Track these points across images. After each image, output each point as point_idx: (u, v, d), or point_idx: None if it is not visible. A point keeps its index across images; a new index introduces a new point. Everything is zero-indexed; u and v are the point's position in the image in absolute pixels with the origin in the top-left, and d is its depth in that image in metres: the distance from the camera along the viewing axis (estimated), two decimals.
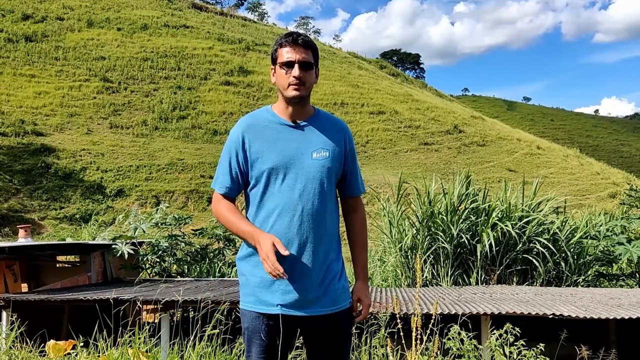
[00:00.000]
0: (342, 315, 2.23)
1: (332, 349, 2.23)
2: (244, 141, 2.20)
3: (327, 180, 2.19)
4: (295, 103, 2.20)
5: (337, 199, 2.30)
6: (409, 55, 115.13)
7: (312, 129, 2.23)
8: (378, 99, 43.20)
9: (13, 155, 26.40)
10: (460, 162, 33.38)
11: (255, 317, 2.18)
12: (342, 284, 2.24)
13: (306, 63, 2.17)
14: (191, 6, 58.41)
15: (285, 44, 2.18)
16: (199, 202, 25.77)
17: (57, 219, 22.75)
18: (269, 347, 2.17)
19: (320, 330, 2.21)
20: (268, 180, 2.16)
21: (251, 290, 2.19)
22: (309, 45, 2.19)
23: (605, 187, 34.11)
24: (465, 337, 3.84)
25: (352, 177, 2.32)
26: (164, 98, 36.44)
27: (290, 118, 2.22)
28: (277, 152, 2.16)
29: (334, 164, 2.21)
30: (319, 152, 2.19)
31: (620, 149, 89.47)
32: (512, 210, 7.21)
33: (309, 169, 2.16)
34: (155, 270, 7.79)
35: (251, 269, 2.19)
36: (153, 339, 4.14)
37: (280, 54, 2.19)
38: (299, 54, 2.16)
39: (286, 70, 2.16)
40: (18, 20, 41.62)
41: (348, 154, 2.28)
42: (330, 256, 2.21)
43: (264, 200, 2.18)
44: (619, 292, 6.16)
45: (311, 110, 2.28)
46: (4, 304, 5.20)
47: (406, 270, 7.29)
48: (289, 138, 2.20)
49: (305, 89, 2.18)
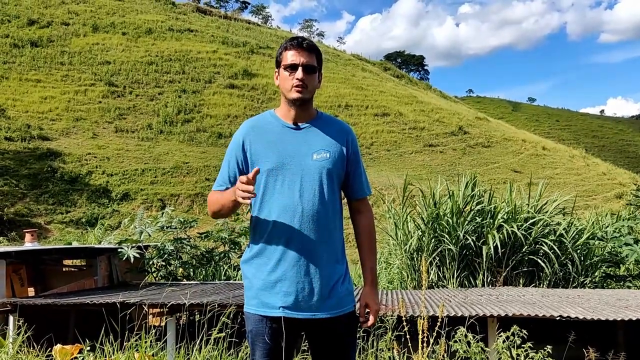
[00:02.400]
0: (346, 318, 2.22)
1: (336, 352, 2.23)
2: (244, 143, 2.23)
3: (328, 181, 2.19)
4: (297, 105, 2.21)
5: (340, 202, 2.30)
6: (413, 57, 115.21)
7: (313, 131, 2.24)
8: (382, 101, 43.20)
9: (19, 159, 26.55)
10: (465, 164, 33.30)
11: (258, 320, 2.18)
12: (345, 287, 2.23)
13: (309, 66, 2.19)
14: (195, 10, 58.66)
15: (290, 48, 2.21)
16: (204, 206, 25.81)
17: (63, 223, 22.85)
18: (272, 350, 2.17)
19: (324, 334, 2.20)
20: (267, 182, 2.18)
21: (254, 293, 2.20)
22: (313, 50, 2.22)
23: (612, 188, 33.95)
24: (472, 340, 3.82)
25: (356, 179, 2.32)
26: (169, 102, 36.58)
27: (292, 120, 2.24)
28: (277, 154, 2.18)
29: (335, 165, 2.21)
30: (319, 154, 2.19)
31: (626, 149, 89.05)
32: (518, 211, 7.18)
33: (309, 170, 2.17)
34: (161, 274, 7.80)
35: (255, 272, 2.20)
36: (159, 342, 4.14)
37: (284, 57, 2.22)
38: (303, 57, 2.19)
39: (290, 73, 2.19)
40: (24, 26, 41.92)
41: (350, 156, 2.28)
42: (333, 258, 2.21)
43: (264, 202, 2.19)
44: (627, 293, 6.12)
45: (314, 113, 2.29)
46: (11, 309, 5.22)
47: (412, 273, 7.27)
48: (290, 140, 2.21)
49: (308, 92, 2.21)
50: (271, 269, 2.14)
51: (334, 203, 2.22)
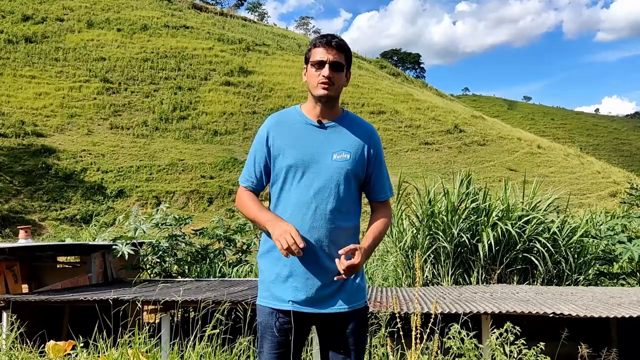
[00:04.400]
0: (357, 314, 2.23)
1: (346, 347, 2.23)
2: (268, 137, 2.26)
3: (345, 182, 2.20)
4: (323, 102, 2.23)
5: (359, 202, 2.31)
6: (409, 55, 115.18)
7: (336, 130, 2.26)
8: (378, 99, 43.21)
9: (13, 156, 26.42)
10: (460, 162, 33.37)
11: (268, 312, 2.21)
12: (357, 283, 2.24)
13: (337, 64, 2.21)
14: (191, 7, 58.43)
15: (319, 45, 2.22)
16: (199, 203, 25.78)
17: (58, 220, 22.77)
18: (281, 344, 2.19)
19: (334, 328, 2.21)
20: (286, 177, 2.21)
21: (267, 286, 2.24)
22: (341, 48, 2.23)
23: (606, 186, 34.11)
24: (465, 336, 3.84)
25: (377, 181, 2.32)
26: (164, 99, 36.45)
27: (316, 118, 2.26)
28: (298, 151, 2.20)
29: (355, 166, 2.22)
30: (339, 154, 2.21)
31: (620, 147, 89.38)
32: (512, 209, 7.20)
33: (327, 170, 2.19)
34: (155, 271, 7.79)
35: (268, 265, 2.24)
36: (153, 339, 4.14)
37: (313, 53, 2.23)
38: (331, 54, 2.20)
39: (317, 69, 2.20)
40: (18, 22, 41.65)
41: (372, 158, 2.28)
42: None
43: (281, 197, 2.23)
44: (620, 291, 6.16)
45: (339, 112, 2.30)
46: (4, 305, 5.20)
47: (407, 270, 7.29)
48: (312, 137, 2.23)
49: (334, 89, 2.22)
50: (284, 263, 2.17)
51: (349, 203, 2.23)
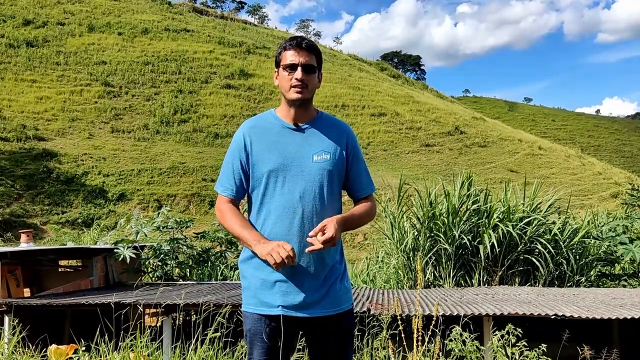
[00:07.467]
0: (344, 316, 2.24)
1: (334, 350, 2.24)
2: (245, 143, 2.22)
3: (328, 183, 2.20)
4: (297, 105, 2.22)
5: (340, 202, 2.31)
6: (409, 57, 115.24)
7: (313, 132, 2.24)
8: (379, 101, 43.22)
9: (15, 160, 26.45)
10: (461, 164, 33.35)
11: (257, 319, 2.19)
12: (344, 285, 2.25)
13: (309, 66, 2.19)
14: (192, 10, 58.57)
15: (289, 47, 2.20)
16: (200, 206, 25.78)
17: (59, 224, 22.77)
18: (270, 349, 2.18)
19: (322, 332, 2.21)
20: (268, 183, 2.18)
21: (253, 292, 2.20)
22: (312, 49, 2.22)
23: (607, 187, 34.06)
24: (467, 338, 3.83)
25: (357, 179, 2.32)
26: (165, 102, 36.50)
27: (292, 121, 2.24)
28: (278, 155, 2.18)
29: (335, 166, 2.22)
30: (319, 155, 2.20)
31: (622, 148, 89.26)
32: (513, 211, 7.19)
33: (310, 172, 2.17)
34: (157, 274, 7.79)
35: (253, 271, 2.20)
36: (155, 342, 4.14)
37: (284, 56, 2.21)
38: (303, 57, 2.19)
39: (289, 73, 2.19)
40: (19, 26, 41.77)
41: (350, 156, 2.28)
42: (333, 258, 2.22)
43: (264, 203, 2.19)
44: (622, 292, 6.15)
45: (314, 113, 2.29)
46: (6, 309, 5.21)
47: (408, 272, 7.28)
48: (290, 141, 2.21)
49: (308, 92, 2.21)
50: (269, 269, 2.14)
51: (333, 204, 2.23)
